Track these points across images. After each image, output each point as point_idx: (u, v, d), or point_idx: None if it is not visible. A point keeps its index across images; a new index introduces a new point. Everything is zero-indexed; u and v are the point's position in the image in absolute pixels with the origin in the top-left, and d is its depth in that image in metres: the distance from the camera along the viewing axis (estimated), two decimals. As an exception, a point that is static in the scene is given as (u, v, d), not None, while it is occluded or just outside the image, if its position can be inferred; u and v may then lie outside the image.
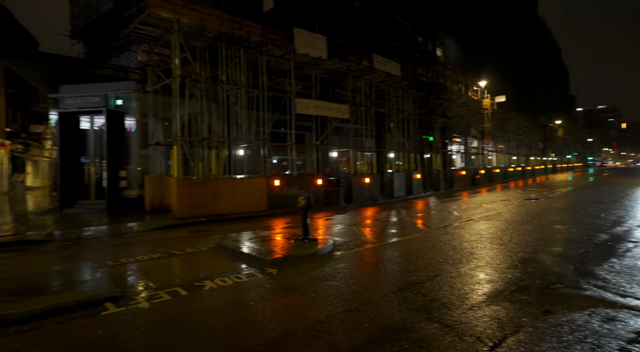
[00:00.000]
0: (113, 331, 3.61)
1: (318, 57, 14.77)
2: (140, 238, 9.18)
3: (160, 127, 14.23)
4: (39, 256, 7.32)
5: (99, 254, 7.42)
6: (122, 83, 14.08)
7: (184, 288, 4.86)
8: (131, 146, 14.47)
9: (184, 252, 7.23)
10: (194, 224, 11.14)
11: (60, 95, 14.40)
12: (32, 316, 3.92)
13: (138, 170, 14.37)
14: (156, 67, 13.70)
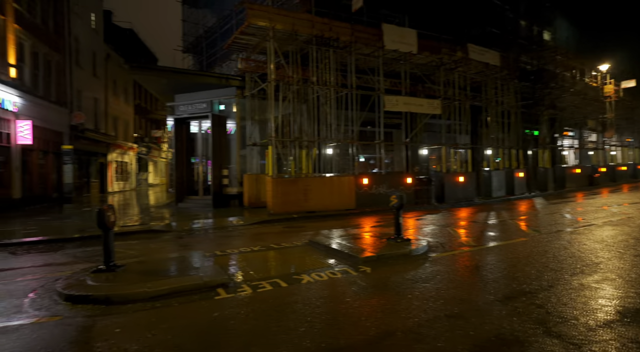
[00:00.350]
0: (226, 315, 3.97)
1: (408, 51, 14.31)
2: (241, 231, 9.98)
3: (256, 129, 15.29)
4: (161, 244, 8.44)
5: (208, 244, 8.27)
6: (224, 90, 15.48)
7: (284, 280, 5.13)
8: (231, 147, 15.83)
9: (281, 246, 7.64)
10: (287, 220, 11.71)
11: (175, 103, 16.45)
12: (161, 295, 4.53)
13: (237, 169, 15.66)
14: (253, 73, 14.74)
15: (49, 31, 18.41)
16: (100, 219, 5.24)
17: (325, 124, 13.94)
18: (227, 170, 15.60)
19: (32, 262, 6.86)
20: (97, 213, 5.24)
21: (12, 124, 15.07)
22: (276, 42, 12.44)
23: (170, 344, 3.32)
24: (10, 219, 12.61)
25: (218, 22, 20.17)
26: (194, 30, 23.39)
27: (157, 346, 3.29)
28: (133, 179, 31.61)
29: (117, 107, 27.88)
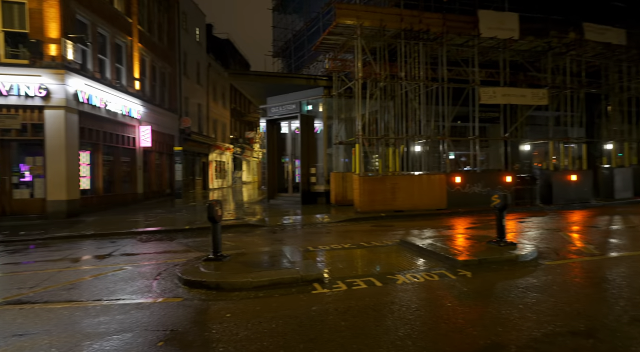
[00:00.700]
0: (324, 309, 4.05)
1: (508, 38, 13.03)
2: (329, 228, 10.17)
3: (342, 128, 15.44)
4: (256, 237, 9.03)
5: (299, 240, 8.60)
6: (312, 90, 15.95)
7: (378, 279, 5.06)
8: (318, 146, 16.24)
9: (371, 244, 7.58)
10: (374, 219, 11.60)
11: (266, 105, 17.47)
12: (262, 286, 4.82)
13: (324, 167, 16.01)
14: (340, 72, 14.90)
15: (163, 47, 21.03)
16: (210, 212, 5.78)
17: (413, 120, 13.46)
18: (315, 169, 16.07)
19: (155, 249, 7.90)
20: (208, 207, 5.80)
21: (136, 130, 17.59)
22: (363, 39, 12.38)
23: (275, 333, 3.50)
24: (135, 210, 14.75)
25: (305, 25, 20.86)
26: (283, 36, 24.56)
27: (264, 333, 3.50)
28: (229, 177, 34.54)
29: (216, 111, 30.69)
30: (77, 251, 7.77)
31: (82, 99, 13.36)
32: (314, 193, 15.84)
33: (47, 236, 9.55)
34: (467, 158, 16.45)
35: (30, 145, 12.71)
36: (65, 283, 5.32)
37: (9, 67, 12.12)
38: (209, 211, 5.78)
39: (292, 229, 10.19)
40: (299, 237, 8.94)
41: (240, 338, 3.40)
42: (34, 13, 12.35)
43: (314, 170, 16.01)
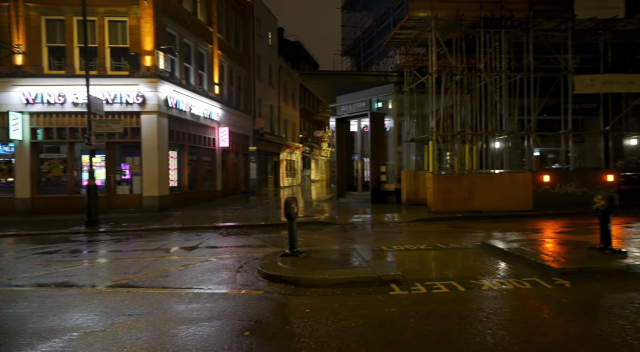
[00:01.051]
0: (404, 312, 3.93)
1: (610, 17, 11.45)
2: (401, 228, 9.89)
3: (414, 125, 14.93)
4: (327, 235, 9.11)
5: (371, 239, 8.49)
6: (382, 87, 15.66)
7: (460, 283, 4.77)
8: (388, 144, 15.90)
9: (448, 246, 7.20)
10: (450, 219, 11.02)
11: (336, 104, 17.58)
12: (338, 283, 4.83)
13: (395, 165, 15.64)
14: (412, 67, 14.40)
15: (239, 52, 22.31)
16: (287, 209, 5.96)
17: (493, 114, 12.51)
18: (385, 167, 15.77)
19: (234, 242, 8.39)
20: (285, 204, 5.98)
21: (216, 131, 18.91)
22: (438, 31, 11.80)
23: (355, 332, 3.47)
24: (215, 206, 15.87)
25: (375, 22, 20.55)
26: (351, 34, 24.50)
27: (343, 331, 3.49)
28: (298, 176, 35.53)
29: (286, 111, 31.74)
30: (168, 242, 8.57)
31: (171, 104, 14.73)
32: (384, 192, 15.56)
33: (143, 227, 10.70)
34: (556, 155, 14.84)
35: (130, 147, 14.35)
36: (162, 271, 5.88)
37: (114, 78, 13.81)
38: (286, 207, 5.96)
39: (362, 228, 10.12)
40: (370, 236, 8.84)
41: (320, 334, 3.43)
42: (133, 29, 13.89)
43: (384, 168, 15.72)
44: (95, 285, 5.22)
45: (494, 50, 12.06)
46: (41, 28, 13.87)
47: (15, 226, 11.50)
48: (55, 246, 8.42)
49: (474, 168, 12.84)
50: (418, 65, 14.42)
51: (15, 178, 13.85)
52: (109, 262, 6.73)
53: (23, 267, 6.42)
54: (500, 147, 13.67)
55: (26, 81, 13.60)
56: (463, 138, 12.88)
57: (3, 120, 13.53)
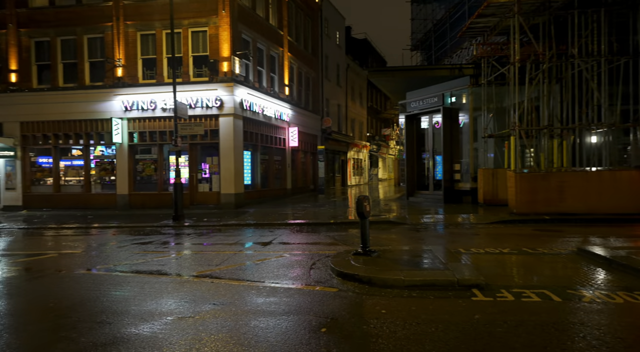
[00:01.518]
0: (489, 320, 3.64)
1: None
2: (479, 230, 9.25)
3: (492, 119, 13.87)
4: (397, 235, 8.85)
5: (445, 240, 8.07)
6: (455, 81, 14.82)
7: (555, 293, 4.29)
8: (462, 140, 14.99)
9: (536, 251, 6.54)
10: (536, 222, 10.03)
11: (406, 101, 17.07)
12: (415, 285, 4.65)
13: (470, 163, 14.70)
14: (490, 58, 13.40)
15: (308, 53, 22.78)
16: (359, 207, 5.90)
17: (589, 105, 11.12)
18: (459, 165, 14.92)
19: (306, 239, 8.57)
20: (357, 202, 5.93)
21: (286, 131, 19.55)
22: (521, 16, 10.81)
23: (436, 338, 3.30)
24: (285, 204, 16.41)
25: (447, 13, 19.55)
26: (422, 27, 23.62)
27: (423, 336, 3.34)
28: (365, 174, 35.25)
29: (354, 110, 31.68)
30: (244, 237, 9.04)
31: (246, 107, 15.55)
32: (458, 191, 14.73)
33: (222, 223, 11.44)
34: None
35: (209, 148, 15.46)
36: (240, 264, 6.21)
37: (195, 84, 14.98)
38: (358, 206, 5.90)
39: (435, 229, 9.67)
40: (444, 238, 8.40)
41: (399, 337, 3.32)
42: (212, 38, 14.92)
43: (458, 166, 14.87)
44: (183, 274, 5.68)
45: (591, 32, 10.71)
46: (137, 43, 15.56)
47: (116, 219, 13.07)
48: (148, 237, 9.38)
49: (563, 165, 11.55)
50: (497, 55, 13.39)
51: (117, 177, 15.75)
52: (194, 254, 7.29)
53: (125, 255, 7.25)
54: (597, 142, 12.12)
55: (124, 91, 15.37)
56: (551, 132, 11.66)
57: (107, 126, 15.45)
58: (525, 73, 11.32)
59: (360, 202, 5.89)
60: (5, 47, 16.18)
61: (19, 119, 16.09)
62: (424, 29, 23.22)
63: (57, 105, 15.81)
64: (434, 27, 21.47)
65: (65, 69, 16.17)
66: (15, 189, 16.22)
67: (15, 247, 8.61)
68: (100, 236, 9.88)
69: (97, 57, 15.87)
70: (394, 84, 16.44)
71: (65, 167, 16.51)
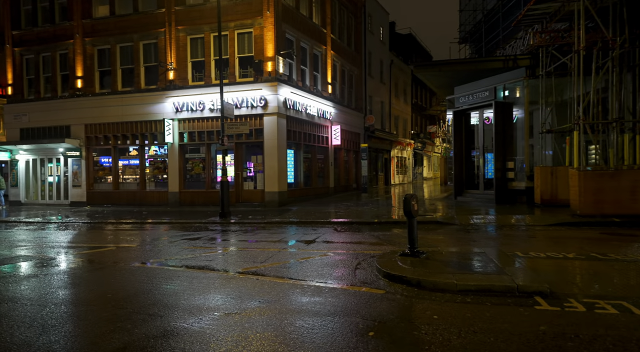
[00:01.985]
0: (558, 332, 3.27)
1: None
2: (535, 232, 8.56)
3: (550, 114, 12.84)
4: (446, 236, 8.42)
5: (499, 242, 7.53)
6: (509, 73, 13.90)
7: (635, 305, 3.79)
8: (517, 136, 14.03)
9: (607, 257, 5.89)
10: (603, 225, 9.10)
11: (454, 96, 16.31)
12: (468, 290, 4.33)
13: (525, 161, 13.73)
14: (549, 47, 12.41)
15: (351, 51, 22.55)
16: (407, 206, 5.64)
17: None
18: (512, 163, 13.98)
19: (349, 239, 8.41)
20: (404, 201, 5.68)
21: (328, 129, 19.48)
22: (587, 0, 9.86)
23: (495, 349, 3.01)
24: (328, 203, 16.33)
25: (500, 1, 18.41)
26: (471, 18, 22.49)
27: (482, 346, 3.06)
28: (410, 173, 34.31)
29: (397, 107, 30.94)
30: (287, 235, 9.07)
31: (289, 106, 15.67)
32: (511, 191, 13.81)
33: (266, 220, 11.60)
34: None
35: (254, 147, 15.78)
36: (284, 262, 6.20)
37: (241, 85, 15.34)
38: (405, 205, 5.65)
39: (486, 230, 9.10)
40: (498, 240, 7.86)
41: (454, 346, 3.07)
42: (257, 38, 15.19)
43: (512, 164, 13.94)
44: (229, 270, 5.77)
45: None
46: (187, 46, 16.23)
47: (167, 215, 13.72)
48: (197, 233, 9.71)
49: (636, 163, 10.40)
50: (557, 44, 12.37)
51: (168, 175, 16.56)
52: (239, 251, 7.41)
53: (175, 250, 7.53)
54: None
55: (175, 93, 16.10)
56: (621, 126, 10.55)
57: (160, 127, 16.29)
58: (592, 62, 10.32)
59: (408, 200, 5.63)
60: (72, 56, 17.60)
61: (83, 122, 17.44)
62: (473, 21, 22.07)
63: (116, 108, 16.93)
64: (485, 18, 20.34)
65: (123, 74, 17.27)
66: (81, 186, 17.61)
67: (79, 240, 9.29)
68: (153, 231, 10.39)
69: (151, 61, 16.77)
70: (441, 79, 15.76)
71: (123, 166, 17.65)
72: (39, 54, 18.33)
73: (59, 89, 18.10)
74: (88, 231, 10.87)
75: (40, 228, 11.42)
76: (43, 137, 18.04)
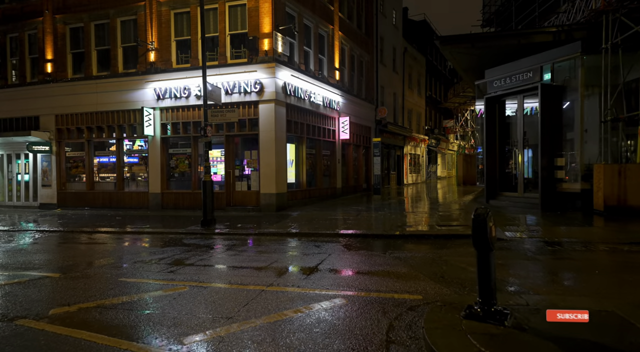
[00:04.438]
0: None
1: None
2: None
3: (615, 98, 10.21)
4: (505, 260, 5.89)
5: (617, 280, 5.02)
6: (559, 49, 11.27)
7: None
8: (573, 127, 11.40)
9: None
10: None
11: (485, 80, 13.68)
12: None
13: (579, 157, 11.11)
14: (616, 12, 9.78)
15: (361, 34, 20.00)
16: (480, 231, 3.16)
17: None
18: (563, 160, 11.39)
19: (366, 265, 5.92)
20: (475, 221, 3.19)
21: (336, 122, 16.98)
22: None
23: None
24: (335, 206, 13.82)
25: (536, -30, 15.72)
26: (497, -3, 19.80)
27: None
28: (423, 172, 31.67)
29: (411, 100, 28.32)
30: (282, 256, 6.63)
31: (289, 92, 13.21)
32: (560, 194, 11.22)
33: (258, 230, 9.18)
34: None
35: (248, 140, 13.35)
36: (265, 320, 3.74)
37: (233, 66, 12.90)
38: (478, 227, 3.16)
39: (555, 251, 6.56)
40: (608, 274, 5.32)
41: None
42: (252, 11, 12.74)
43: (562, 161, 11.35)
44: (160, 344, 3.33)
45: None
46: (170, 23, 13.84)
47: (143, 221, 11.37)
48: (164, 250, 7.33)
49: None
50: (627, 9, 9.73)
51: (149, 174, 14.20)
52: (202, 289, 4.97)
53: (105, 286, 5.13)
54: None
55: (157, 77, 13.73)
56: None
57: (139, 117, 13.90)
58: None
59: (483, 221, 3.15)
60: (42, 36, 15.32)
61: (54, 112, 15.15)
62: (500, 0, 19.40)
63: (90, 96, 14.61)
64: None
65: (98, 57, 14.94)
66: (51, 186, 15.34)
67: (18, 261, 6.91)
68: (111, 246, 8.03)
69: (130, 41, 14.42)
70: (471, 58, 13.16)
71: (98, 163, 15.34)
72: (6, 34, 16.08)
73: (28, 74, 15.84)
74: (33, 245, 8.53)
75: (-25, 239, 9.12)
76: (10, 130, 15.80)
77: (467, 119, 30.62)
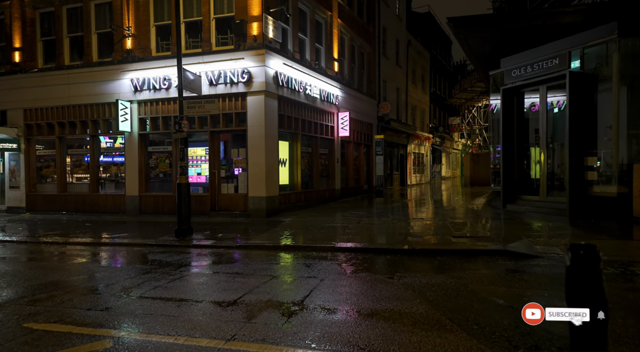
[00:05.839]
0: None
1: None
2: None
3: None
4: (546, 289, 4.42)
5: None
6: (589, 32, 9.78)
7: None
8: (607, 122, 9.91)
9: None
10: None
11: (502, 69, 12.20)
12: None
13: (614, 157, 9.63)
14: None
15: (362, 23, 18.51)
16: (586, 284, 1.69)
17: None
18: (595, 160, 9.90)
19: (370, 300, 4.44)
20: (571, 274, 1.72)
21: (334, 117, 15.51)
22: None
23: None
24: (333, 211, 12.34)
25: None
26: (510, -19, 18.24)
27: None
28: (427, 172, 30.18)
29: (415, 96, 26.84)
30: (261, 283, 5.16)
31: (282, 82, 11.74)
32: (593, 198, 9.74)
33: (240, 243, 7.73)
34: None
35: (236, 137, 11.89)
36: None
37: (218, 54, 11.45)
38: (584, 277, 1.69)
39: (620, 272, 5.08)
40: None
41: None
42: (238, -9, 11.27)
43: (593, 161, 9.88)
44: None
45: None
46: (149, 6, 12.38)
47: (115, 229, 9.93)
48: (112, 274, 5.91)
49: None
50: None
51: (126, 174, 12.75)
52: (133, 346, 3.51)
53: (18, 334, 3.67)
54: None
55: (135, 66, 12.28)
56: None
57: (115, 112, 12.43)
58: None
59: (593, 266, 1.67)
60: (9, 22, 13.87)
61: (22, 106, 13.70)
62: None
63: (61, 88, 13.17)
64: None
65: (71, 44, 13.50)
66: (19, 188, 13.90)
67: None
68: (54, 265, 6.58)
69: (106, 27, 12.96)
70: (486, 44, 11.69)
71: (71, 162, 13.89)
72: (-29, 21, 14.64)
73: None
74: (-34, 259, 7.08)
75: None
76: (-24, 126, 14.36)
77: (474, 115, 29.10)
